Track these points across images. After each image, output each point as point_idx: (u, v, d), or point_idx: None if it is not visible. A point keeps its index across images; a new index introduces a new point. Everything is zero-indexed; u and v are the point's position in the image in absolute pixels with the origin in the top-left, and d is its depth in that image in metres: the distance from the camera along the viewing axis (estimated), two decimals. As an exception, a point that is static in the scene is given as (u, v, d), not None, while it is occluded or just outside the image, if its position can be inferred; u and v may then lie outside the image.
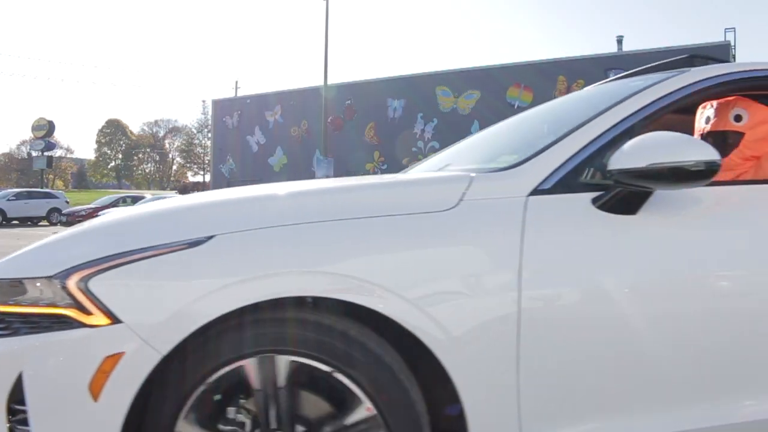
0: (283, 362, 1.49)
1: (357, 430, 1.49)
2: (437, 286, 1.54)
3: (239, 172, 29.43)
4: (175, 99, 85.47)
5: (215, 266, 1.47)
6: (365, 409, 1.49)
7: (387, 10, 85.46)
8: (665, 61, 2.37)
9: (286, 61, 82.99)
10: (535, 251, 1.59)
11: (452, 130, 20.65)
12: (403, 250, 1.56)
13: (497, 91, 22.58)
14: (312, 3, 77.93)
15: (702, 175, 1.60)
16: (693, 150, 1.61)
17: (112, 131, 53.44)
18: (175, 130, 54.78)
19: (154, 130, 55.33)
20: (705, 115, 2.35)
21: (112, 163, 53.72)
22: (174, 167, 55.66)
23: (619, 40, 24.95)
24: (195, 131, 53.27)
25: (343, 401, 1.50)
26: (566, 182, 1.71)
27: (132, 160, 54.40)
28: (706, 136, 2.31)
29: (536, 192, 1.68)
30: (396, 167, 18.14)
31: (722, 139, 2.24)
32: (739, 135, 2.22)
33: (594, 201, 1.67)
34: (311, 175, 22.61)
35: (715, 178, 1.65)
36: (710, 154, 1.60)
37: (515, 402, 1.56)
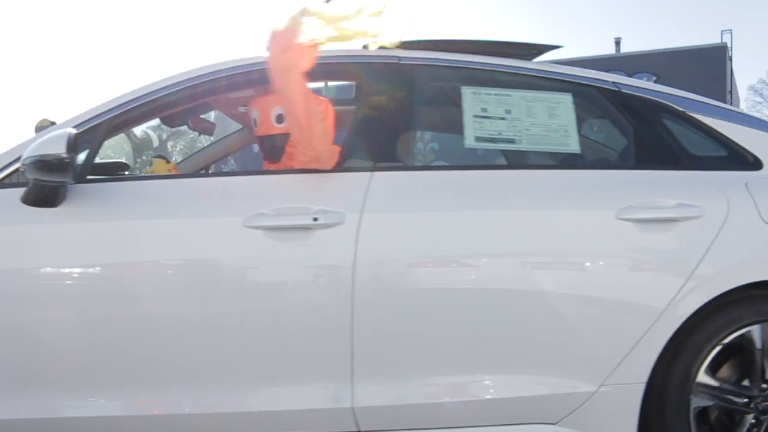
0: None
1: None
2: None
3: (241, 172, 29.29)
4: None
5: None
6: None
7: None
8: None
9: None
10: None
11: (451, 131, 20.61)
12: None
13: (496, 92, 22.51)
14: (313, 4, 77.67)
15: (59, 167, 1.68)
16: (44, 145, 1.70)
17: (115, 133, 53.41)
18: (177, 132, 54.88)
19: (157, 132, 55.42)
20: (253, 118, 2.21)
21: (115, 165, 53.74)
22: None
23: (617, 42, 25.01)
24: (197, 132, 53.26)
25: None
26: (16, 178, 1.88)
27: (135, 161, 54.49)
28: (261, 141, 2.21)
29: None
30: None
31: (274, 143, 2.14)
32: (286, 136, 2.09)
33: (21, 196, 1.78)
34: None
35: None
36: (53, 148, 1.69)
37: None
